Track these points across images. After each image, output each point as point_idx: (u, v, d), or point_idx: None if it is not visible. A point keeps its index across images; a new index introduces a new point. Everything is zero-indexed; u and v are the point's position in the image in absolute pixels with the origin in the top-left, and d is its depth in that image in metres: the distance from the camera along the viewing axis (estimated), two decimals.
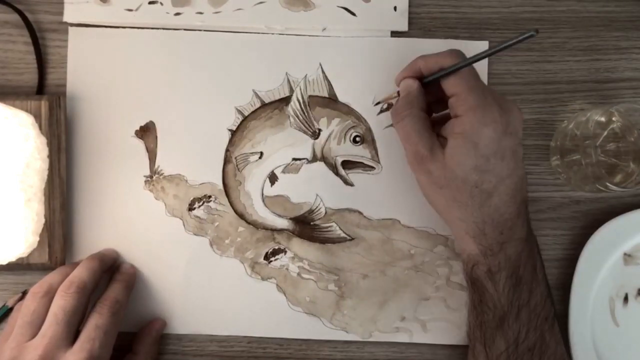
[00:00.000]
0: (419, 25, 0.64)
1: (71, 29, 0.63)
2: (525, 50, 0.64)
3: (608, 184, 0.58)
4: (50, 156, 0.60)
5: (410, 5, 0.63)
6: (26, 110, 0.60)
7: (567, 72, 0.64)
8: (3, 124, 0.58)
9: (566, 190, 0.64)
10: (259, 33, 0.63)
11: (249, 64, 0.63)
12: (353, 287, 0.63)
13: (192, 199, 0.63)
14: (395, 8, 0.63)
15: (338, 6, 0.63)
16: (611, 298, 0.63)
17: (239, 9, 0.63)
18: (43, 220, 0.60)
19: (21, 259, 0.60)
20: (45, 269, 0.61)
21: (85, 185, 0.63)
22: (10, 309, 0.62)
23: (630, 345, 0.63)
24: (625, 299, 0.63)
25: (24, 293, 0.63)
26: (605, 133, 0.60)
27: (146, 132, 0.63)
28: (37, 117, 0.60)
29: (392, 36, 0.63)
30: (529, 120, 0.64)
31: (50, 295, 0.57)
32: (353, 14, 0.63)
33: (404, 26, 0.63)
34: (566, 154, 0.61)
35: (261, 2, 0.63)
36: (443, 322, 0.63)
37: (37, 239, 0.60)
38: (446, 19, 0.64)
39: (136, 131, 0.63)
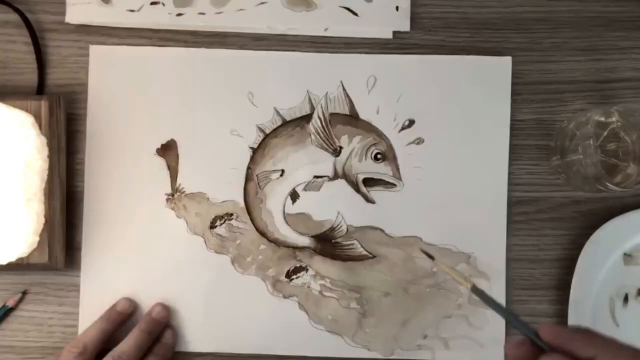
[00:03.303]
0: (420, 25, 0.64)
1: (92, 47, 0.63)
2: (525, 50, 0.64)
3: (608, 184, 0.58)
4: (50, 156, 0.60)
5: (411, 5, 0.63)
6: (26, 110, 0.60)
7: (567, 72, 0.64)
8: (3, 124, 0.58)
9: (566, 190, 0.64)
10: (279, 51, 0.64)
11: (270, 82, 0.63)
12: (375, 305, 0.63)
13: (213, 217, 0.63)
14: (397, 8, 0.63)
15: (340, 6, 0.63)
16: (611, 298, 0.63)
17: (241, 10, 0.63)
18: (43, 220, 0.60)
19: (21, 259, 0.60)
20: (45, 269, 0.61)
21: (106, 202, 0.63)
22: (10, 309, 0.62)
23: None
24: (625, 299, 0.63)
25: (24, 293, 0.63)
26: (605, 133, 0.60)
27: (167, 150, 0.63)
28: (37, 117, 0.60)
29: (394, 37, 0.64)
30: (529, 120, 0.64)
31: (84, 355, 0.58)
32: (355, 14, 0.63)
33: (406, 26, 0.63)
34: (566, 154, 0.61)
35: (263, 3, 0.63)
36: (465, 340, 0.63)
37: (37, 239, 0.60)
38: (447, 19, 0.64)
39: (157, 149, 0.63)
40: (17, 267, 0.60)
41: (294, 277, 0.63)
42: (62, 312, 0.63)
